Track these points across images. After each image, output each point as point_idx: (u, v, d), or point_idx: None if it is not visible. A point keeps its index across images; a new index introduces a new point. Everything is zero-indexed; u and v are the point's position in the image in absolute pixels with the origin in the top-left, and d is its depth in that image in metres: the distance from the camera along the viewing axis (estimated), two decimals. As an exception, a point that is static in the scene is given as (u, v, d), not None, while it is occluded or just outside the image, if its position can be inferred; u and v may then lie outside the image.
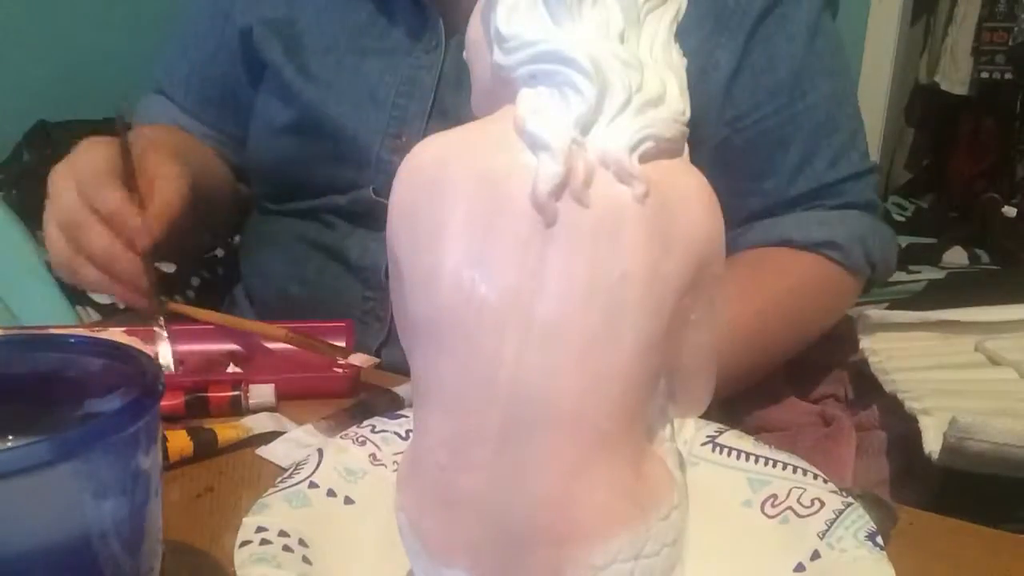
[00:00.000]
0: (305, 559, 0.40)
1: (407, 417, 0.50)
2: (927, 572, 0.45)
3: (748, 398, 0.78)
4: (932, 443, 0.67)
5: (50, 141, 1.93)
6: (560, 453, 0.30)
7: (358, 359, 0.62)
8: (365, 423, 0.50)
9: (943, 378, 0.78)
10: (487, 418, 0.31)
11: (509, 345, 0.30)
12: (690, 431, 0.48)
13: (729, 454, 0.47)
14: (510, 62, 0.32)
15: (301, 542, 0.41)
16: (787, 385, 0.82)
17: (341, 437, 0.49)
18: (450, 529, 0.32)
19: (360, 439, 0.48)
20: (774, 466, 0.45)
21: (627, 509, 0.32)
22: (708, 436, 0.48)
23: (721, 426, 0.49)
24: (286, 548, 0.40)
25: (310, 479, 0.45)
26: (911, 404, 0.72)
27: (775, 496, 0.44)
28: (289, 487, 0.44)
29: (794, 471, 0.44)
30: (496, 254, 0.30)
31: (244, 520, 0.41)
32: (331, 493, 0.45)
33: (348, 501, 0.45)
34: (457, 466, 0.32)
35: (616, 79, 0.31)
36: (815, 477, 0.44)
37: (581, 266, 0.30)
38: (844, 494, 0.42)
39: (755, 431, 0.78)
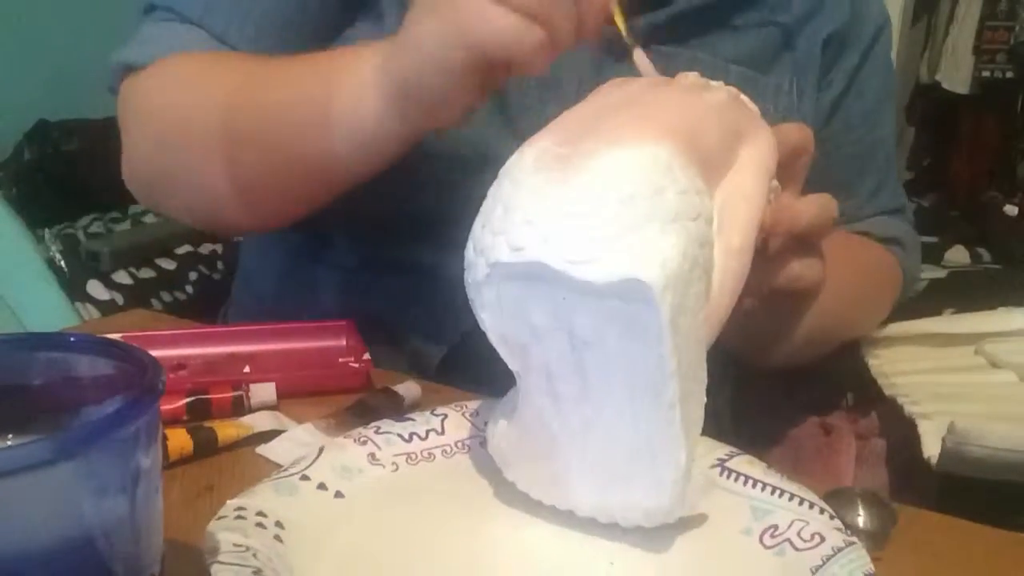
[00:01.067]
0: (277, 538, 0.40)
1: (413, 420, 0.50)
2: (927, 572, 0.45)
3: (748, 409, 0.78)
4: (931, 448, 0.67)
5: (50, 140, 1.93)
6: None
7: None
8: (371, 424, 0.50)
9: (943, 381, 0.78)
10: None
11: None
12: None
13: (736, 479, 0.45)
14: None
15: (278, 523, 0.41)
16: (788, 393, 0.82)
17: (344, 436, 0.49)
18: None
19: (362, 439, 0.48)
20: (780, 496, 0.44)
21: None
22: (718, 459, 0.47)
23: (733, 449, 0.47)
24: (259, 525, 0.40)
25: (303, 472, 0.45)
26: (910, 408, 0.72)
27: (775, 527, 0.42)
28: (280, 478, 0.44)
29: (800, 503, 0.43)
30: None
31: (227, 502, 0.41)
32: (322, 487, 0.45)
33: (339, 495, 0.45)
34: None
35: None
36: (821, 512, 0.42)
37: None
38: (848, 532, 0.41)
39: (755, 442, 0.78)
